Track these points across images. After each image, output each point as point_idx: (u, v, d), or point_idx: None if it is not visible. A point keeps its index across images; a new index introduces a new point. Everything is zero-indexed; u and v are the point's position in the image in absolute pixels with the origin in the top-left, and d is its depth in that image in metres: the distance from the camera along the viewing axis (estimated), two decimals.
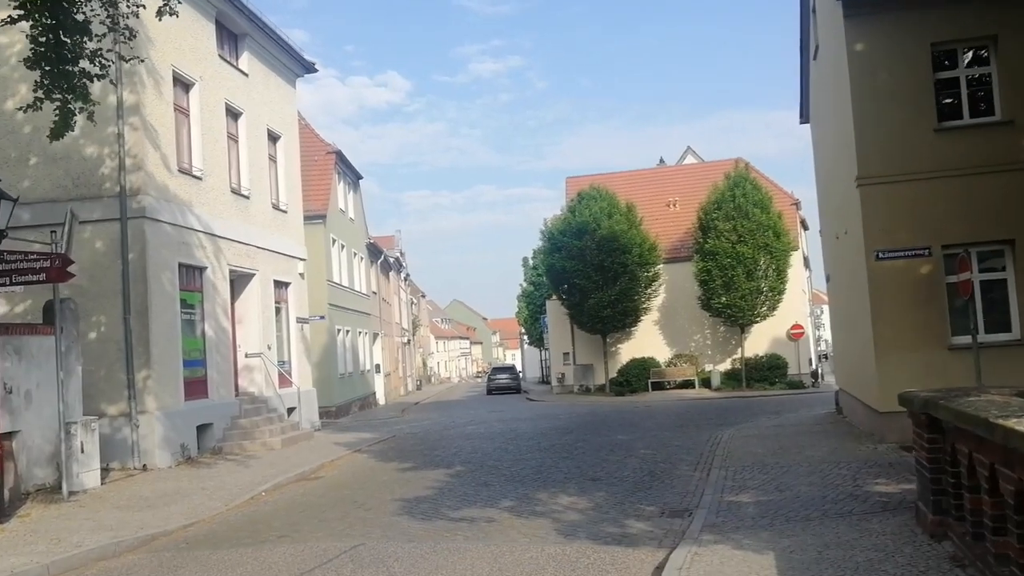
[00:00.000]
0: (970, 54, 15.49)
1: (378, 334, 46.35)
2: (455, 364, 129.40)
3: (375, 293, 46.04)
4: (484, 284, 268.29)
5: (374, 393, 43.41)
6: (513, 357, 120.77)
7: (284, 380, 23.24)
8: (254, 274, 21.81)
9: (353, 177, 41.50)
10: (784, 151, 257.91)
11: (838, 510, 9.83)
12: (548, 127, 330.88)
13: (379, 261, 47.70)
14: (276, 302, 23.24)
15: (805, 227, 48.83)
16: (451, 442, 21.00)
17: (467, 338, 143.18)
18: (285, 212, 24.55)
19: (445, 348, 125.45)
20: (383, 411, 39.19)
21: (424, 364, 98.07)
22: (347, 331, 37.41)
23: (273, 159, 24.37)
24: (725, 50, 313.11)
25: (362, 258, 42.45)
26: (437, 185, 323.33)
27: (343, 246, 37.87)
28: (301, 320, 25.15)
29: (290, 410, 22.92)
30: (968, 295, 13.78)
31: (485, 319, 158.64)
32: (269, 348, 22.38)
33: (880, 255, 14.88)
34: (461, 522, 10.81)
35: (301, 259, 25.27)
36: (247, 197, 21.75)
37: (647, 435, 20.09)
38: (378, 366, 45.98)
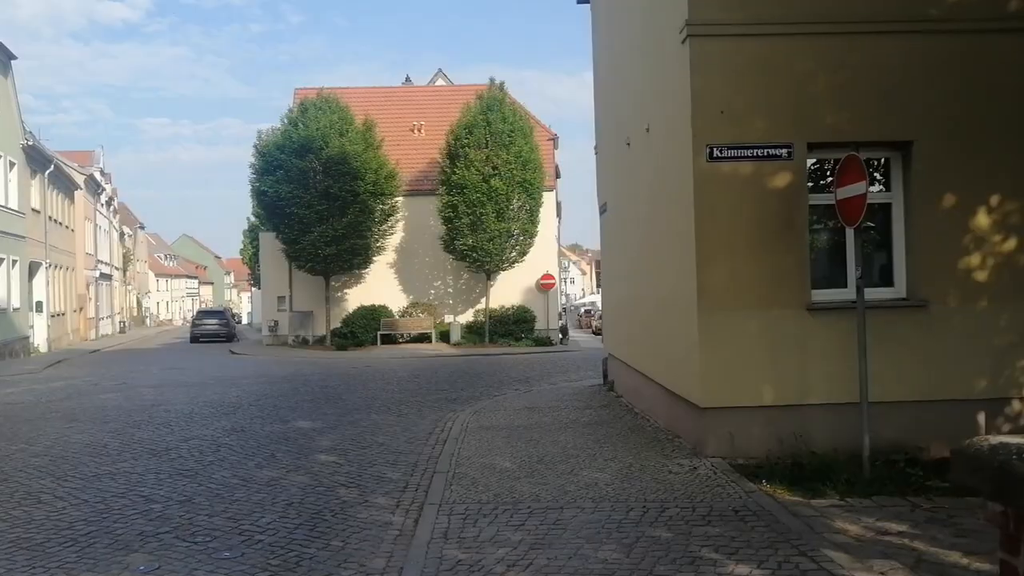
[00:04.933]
0: None
1: (41, 264, 36.50)
2: (179, 305, 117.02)
3: (36, 211, 36.05)
4: (222, 221, 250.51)
5: (26, 338, 33.80)
6: (250, 300, 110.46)
7: None
8: None
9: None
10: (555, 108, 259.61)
11: None
12: (302, 65, 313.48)
13: (46, 172, 37.51)
14: None
15: (558, 174, 44.16)
16: (34, 426, 13.43)
17: (196, 277, 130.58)
18: None
19: (168, 287, 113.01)
20: (32, 362, 30.08)
21: (139, 304, 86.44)
22: None
23: None
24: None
25: (13, 164, 32.48)
26: (178, 114, 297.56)
27: None
28: None
29: None
30: (856, 223, 8.31)
31: (219, 258, 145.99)
32: None
33: (715, 153, 9.14)
34: None
35: None
36: None
37: (345, 420, 13.58)
38: (39, 304, 36.28)
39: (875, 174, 9.56)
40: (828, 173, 9.64)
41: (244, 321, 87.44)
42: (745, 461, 8.82)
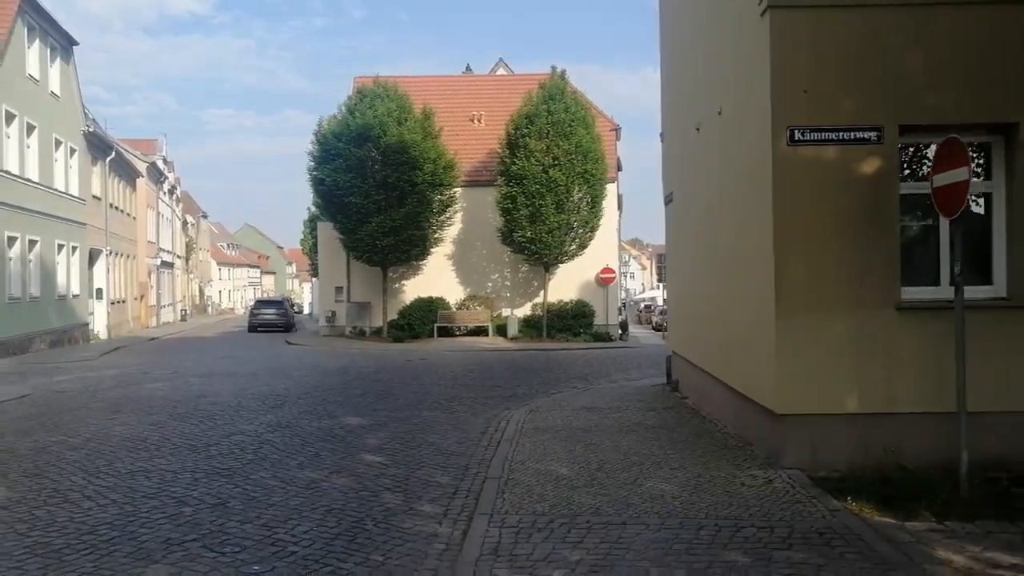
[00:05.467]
0: None
1: (101, 251, 36.80)
2: (241, 294, 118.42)
3: (97, 198, 36.32)
4: (285, 212, 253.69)
5: (86, 325, 34.06)
6: (311, 290, 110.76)
7: None
8: None
9: (61, 40, 31.46)
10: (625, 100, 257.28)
11: None
12: (363, 59, 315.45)
13: (107, 159, 37.78)
14: None
15: (619, 167, 43.15)
16: (76, 416, 13.16)
17: (258, 267, 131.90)
18: None
19: (230, 276, 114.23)
20: (90, 349, 30.26)
21: (201, 292, 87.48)
22: (28, 240, 27.86)
23: None
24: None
25: (74, 150, 32.68)
26: (242, 105, 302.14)
27: (31, 126, 28.23)
28: None
29: None
30: (956, 213, 7.44)
31: (281, 248, 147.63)
32: None
33: (797, 136, 8.33)
34: None
35: None
36: None
37: (395, 416, 13.04)
38: (99, 291, 36.58)
39: (972, 161, 8.64)
40: (921, 159, 8.76)
41: (305, 311, 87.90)
42: (826, 474, 8.03)
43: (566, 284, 36.16)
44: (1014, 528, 6.46)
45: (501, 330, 35.44)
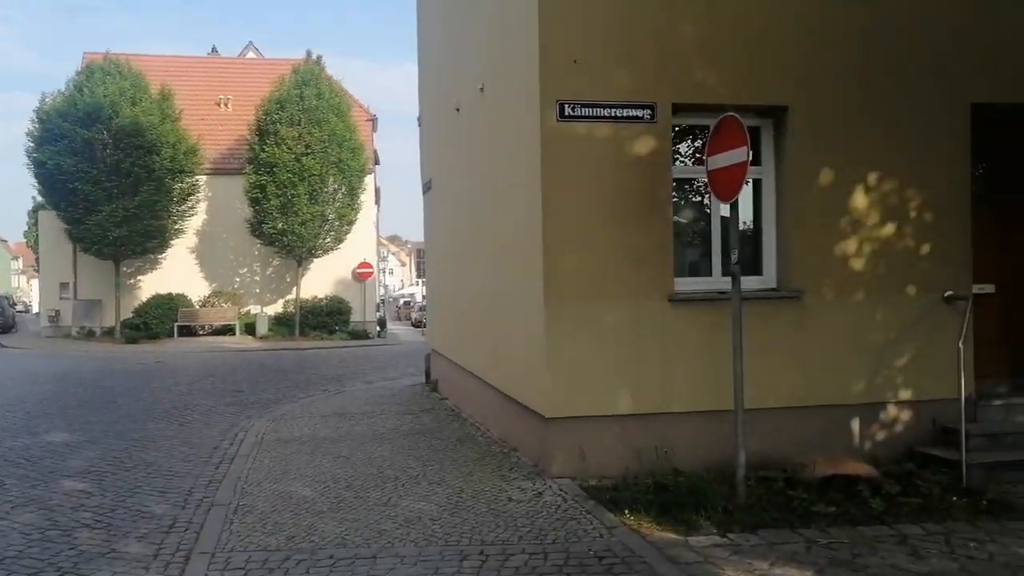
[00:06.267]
0: None
1: None
2: None
3: None
4: (11, 201, 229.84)
5: None
6: (39, 288, 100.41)
7: None
8: None
9: None
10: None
11: None
12: (107, 39, 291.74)
13: None
14: None
15: (377, 160, 41.88)
16: None
17: None
18: None
19: None
20: None
21: None
22: None
23: None
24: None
25: None
26: None
27: None
28: None
29: None
30: (732, 197, 6.95)
31: (5, 241, 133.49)
32: None
33: (567, 110, 7.56)
34: None
35: None
36: None
37: (112, 430, 11.16)
38: None
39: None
40: (695, 140, 8.31)
41: (34, 310, 79.61)
42: (598, 482, 7.33)
43: (321, 279, 34.47)
44: (796, 537, 5.98)
45: (250, 328, 33.15)
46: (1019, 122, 8.72)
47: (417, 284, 63.86)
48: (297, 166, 30.71)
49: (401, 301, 68.02)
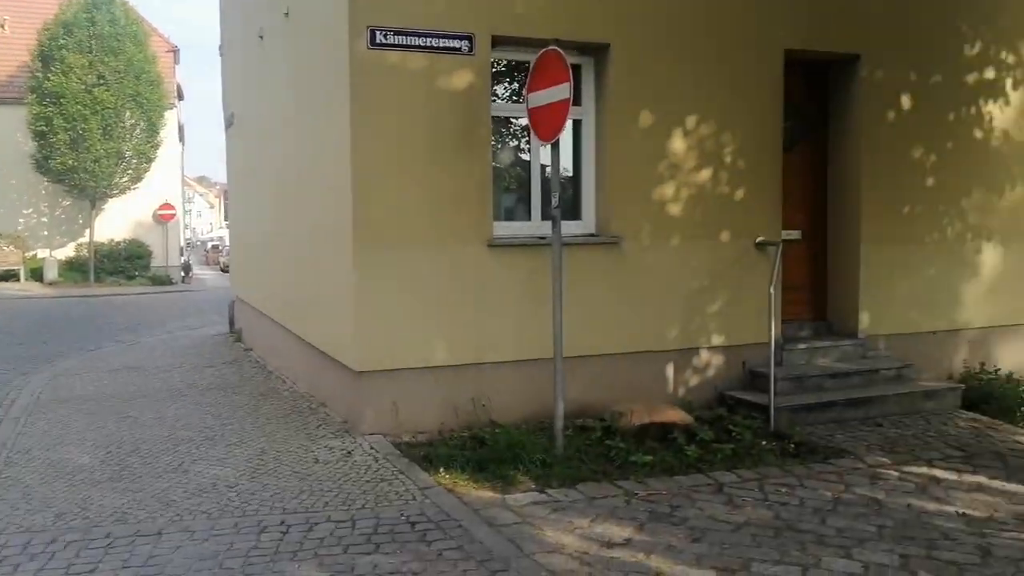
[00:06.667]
0: None
1: None
2: None
3: None
4: None
5: None
6: None
7: None
8: None
9: None
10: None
11: None
12: None
13: None
14: None
15: (180, 94, 39.24)
16: None
17: None
18: None
19: None
20: None
21: None
22: None
23: None
24: None
25: None
26: None
27: None
28: None
29: None
30: (554, 137, 6.60)
31: None
32: None
33: (379, 38, 6.93)
34: None
35: None
36: None
37: None
38: None
39: None
40: (513, 81, 7.90)
41: None
42: (412, 438, 6.93)
43: (118, 222, 32.15)
44: (615, 490, 5.80)
45: (37, 274, 30.45)
46: (823, 69, 8.88)
47: (225, 227, 60.93)
48: (88, 98, 28.24)
49: (209, 245, 65.01)
